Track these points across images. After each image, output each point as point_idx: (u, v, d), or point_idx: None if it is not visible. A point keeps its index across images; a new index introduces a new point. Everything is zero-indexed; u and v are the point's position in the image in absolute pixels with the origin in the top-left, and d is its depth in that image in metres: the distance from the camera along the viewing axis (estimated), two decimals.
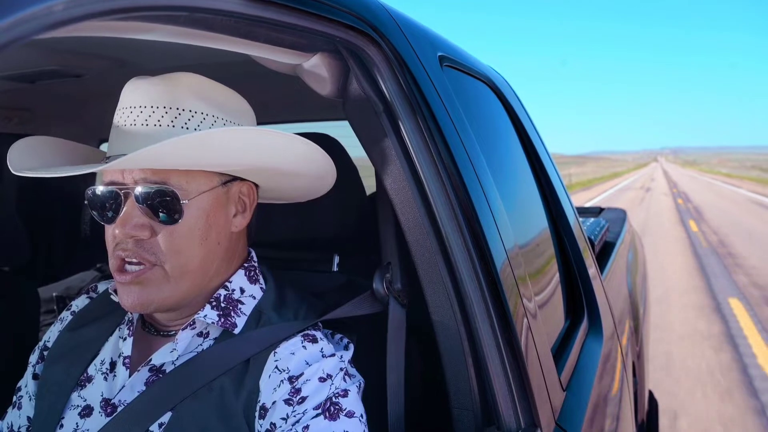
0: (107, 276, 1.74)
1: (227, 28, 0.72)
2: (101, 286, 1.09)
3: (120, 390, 0.92)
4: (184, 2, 0.63)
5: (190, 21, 0.67)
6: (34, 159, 0.94)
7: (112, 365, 0.96)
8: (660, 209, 19.60)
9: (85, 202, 0.91)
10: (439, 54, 1.17)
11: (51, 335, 1.05)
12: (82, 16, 0.50)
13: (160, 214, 0.86)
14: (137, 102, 0.88)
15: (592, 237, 2.46)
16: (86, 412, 0.93)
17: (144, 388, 0.90)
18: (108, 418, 0.90)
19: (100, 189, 0.88)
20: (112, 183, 0.88)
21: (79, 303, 1.08)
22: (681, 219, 16.20)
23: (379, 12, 0.96)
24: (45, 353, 1.04)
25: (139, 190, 0.86)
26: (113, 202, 0.87)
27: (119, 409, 0.90)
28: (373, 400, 0.93)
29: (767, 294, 7.12)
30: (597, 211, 4.00)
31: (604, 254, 2.62)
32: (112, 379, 0.94)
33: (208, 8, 0.66)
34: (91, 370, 0.97)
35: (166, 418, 0.87)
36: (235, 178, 0.94)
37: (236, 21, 0.71)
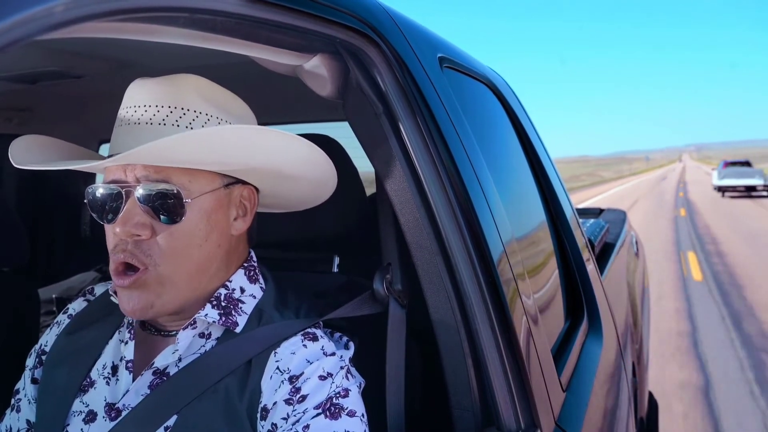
0: (108, 277, 1.74)
1: (228, 29, 0.72)
2: (98, 289, 1.08)
3: (124, 394, 0.91)
4: (184, 3, 0.63)
5: (190, 22, 0.67)
6: (35, 156, 0.94)
7: (114, 369, 0.95)
8: (674, 176, 59.37)
9: (85, 201, 0.90)
10: (439, 55, 1.17)
11: (48, 339, 1.04)
12: (82, 18, 0.50)
13: (162, 214, 0.85)
14: (142, 101, 0.88)
15: (592, 238, 2.46)
16: (90, 417, 0.92)
17: (148, 391, 0.90)
18: (113, 423, 0.89)
19: (100, 188, 0.88)
20: (113, 181, 0.87)
21: (76, 306, 1.07)
22: (679, 176, 56.22)
23: (379, 13, 0.96)
24: (43, 357, 1.02)
25: (140, 188, 0.85)
26: (114, 201, 0.86)
27: (124, 414, 0.89)
28: (373, 400, 0.93)
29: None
30: (597, 212, 4.01)
31: (604, 255, 2.62)
32: (115, 383, 0.94)
33: (209, 9, 0.66)
34: (93, 375, 0.96)
35: (171, 421, 0.86)
36: (237, 181, 0.93)
37: (236, 22, 0.71)
